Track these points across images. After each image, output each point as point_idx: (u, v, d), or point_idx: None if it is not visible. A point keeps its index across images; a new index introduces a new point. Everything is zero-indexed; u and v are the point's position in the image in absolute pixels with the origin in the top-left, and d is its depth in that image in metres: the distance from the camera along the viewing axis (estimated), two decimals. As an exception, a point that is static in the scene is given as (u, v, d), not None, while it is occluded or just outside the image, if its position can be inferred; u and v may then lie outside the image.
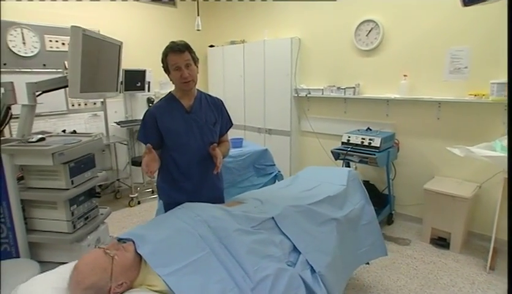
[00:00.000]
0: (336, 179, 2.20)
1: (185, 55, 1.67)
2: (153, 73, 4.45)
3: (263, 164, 3.33)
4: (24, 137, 1.95)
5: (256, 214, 1.63)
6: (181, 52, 1.66)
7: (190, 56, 1.70)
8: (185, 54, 1.67)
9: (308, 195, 1.95)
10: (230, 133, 1.98)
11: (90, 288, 1.08)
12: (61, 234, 1.93)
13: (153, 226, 1.40)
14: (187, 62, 1.67)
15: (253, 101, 4.41)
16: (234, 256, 1.30)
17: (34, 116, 2.00)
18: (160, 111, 1.77)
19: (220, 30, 4.96)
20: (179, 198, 1.79)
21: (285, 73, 3.95)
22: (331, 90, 3.66)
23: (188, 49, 1.71)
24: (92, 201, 2.15)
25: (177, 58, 1.66)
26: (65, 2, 3.63)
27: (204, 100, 1.88)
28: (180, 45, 1.67)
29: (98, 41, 1.93)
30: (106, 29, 3.79)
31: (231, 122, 2.06)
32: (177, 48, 1.65)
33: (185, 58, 1.67)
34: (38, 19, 3.32)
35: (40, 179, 1.91)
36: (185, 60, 1.67)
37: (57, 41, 3.42)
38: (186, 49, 1.68)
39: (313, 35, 3.84)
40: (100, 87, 2.05)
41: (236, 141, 3.40)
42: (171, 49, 1.66)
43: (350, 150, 3.08)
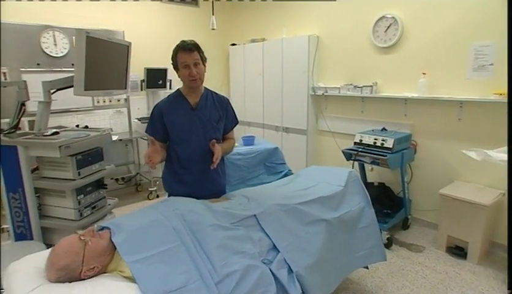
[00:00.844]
0: (335, 179, 2.15)
1: (194, 54, 1.76)
2: (175, 71, 4.60)
3: (274, 162, 3.33)
4: (40, 131, 2.13)
5: (239, 210, 1.65)
6: (191, 52, 1.75)
7: (199, 55, 1.79)
8: (194, 54, 1.76)
9: (300, 194, 1.93)
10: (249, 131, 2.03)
11: (63, 269, 1.18)
12: (69, 221, 2.08)
13: (133, 216, 1.48)
14: (195, 61, 1.76)
15: (271, 99, 4.41)
16: (204, 250, 1.34)
17: (50, 112, 2.17)
18: (166, 106, 1.88)
19: (241, 29, 5.01)
20: (181, 190, 1.90)
21: (302, 71, 3.91)
22: (347, 88, 3.56)
23: (198, 48, 1.80)
24: (100, 191, 2.30)
25: (186, 56, 1.74)
26: (92, 5, 3.88)
27: (210, 98, 1.96)
28: (190, 44, 1.76)
29: (105, 42, 2.06)
30: (130, 29, 4.02)
31: (236, 120, 2.11)
32: (187, 47, 1.75)
33: (194, 57, 1.76)
34: (67, 22, 3.58)
35: (51, 170, 2.08)
36: (194, 59, 1.76)
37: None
38: (195, 49, 1.77)
39: (331, 32, 3.76)
40: (107, 85, 2.18)
41: (248, 139, 3.44)
42: (181, 48, 1.76)
43: (361, 150, 2.98)
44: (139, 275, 1.16)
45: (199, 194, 1.88)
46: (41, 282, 1.17)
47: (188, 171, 1.91)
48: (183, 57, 1.75)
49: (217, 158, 1.78)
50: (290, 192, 1.98)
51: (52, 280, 1.18)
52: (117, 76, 2.29)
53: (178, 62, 1.78)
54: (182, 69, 1.79)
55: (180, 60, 1.76)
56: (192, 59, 1.76)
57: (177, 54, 1.77)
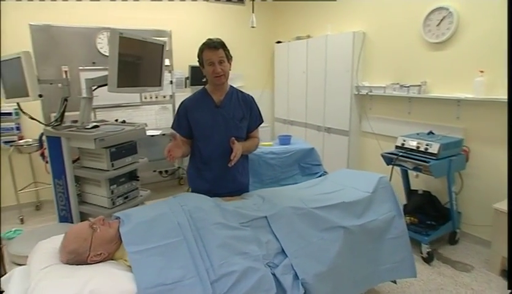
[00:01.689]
0: (363, 184, 2.02)
1: (219, 52, 1.79)
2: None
3: (309, 163, 3.24)
4: (83, 124, 2.32)
5: (250, 211, 1.63)
6: (216, 49, 1.78)
7: (224, 53, 1.82)
8: (219, 51, 1.79)
9: (321, 198, 1.85)
10: (291, 130, 1.99)
11: (72, 252, 1.27)
12: (102, 208, 2.25)
13: (144, 209, 1.55)
14: (220, 59, 1.79)
15: (314, 98, 4.28)
16: (206, 248, 1.34)
17: (92, 106, 2.36)
18: (191, 103, 1.94)
19: (287, 26, 4.94)
20: (202, 186, 1.95)
21: (345, 69, 3.72)
22: (393, 88, 3.31)
23: (223, 46, 1.82)
24: (132, 183, 2.44)
25: (211, 54, 1.77)
26: (143, 7, 4.13)
27: (234, 96, 1.97)
28: (215, 42, 1.80)
29: (138, 42, 2.17)
30: (177, 29, 4.19)
31: (261, 120, 2.09)
32: (213, 45, 1.78)
33: (219, 55, 1.79)
34: (120, 24, 3.85)
35: (89, 160, 2.26)
36: (219, 56, 1.79)
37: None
38: (221, 47, 1.80)
39: (378, 27, 3.52)
40: (140, 82, 2.30)
41: (284, 138, 3.39)
42: (207, 46, 1.80)
43: (402, 155, 2.75)
44: (137, 265, 1.20)
45: (219, 191, 1.91)
46: (54, 261, 1.27)
47: (209, 168, 1.94)
48: (208, 54, 1.78)
49: (235, 156, 1.78)
50: (311, 195, 1.89)
51: (64, 262, 1.28)
52: (152, 74, 2.40)
53: (203, 60, 1.82)
54: (207, 66, 1.82)
55: (206, 57, 1.80)
56: (216, 57, 1.78)
57: (203, 52, 1.80)
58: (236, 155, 1.78)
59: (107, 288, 1.10)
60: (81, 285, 1.08)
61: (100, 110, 3.89)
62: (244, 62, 4.97)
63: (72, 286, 1.08)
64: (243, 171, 2.06)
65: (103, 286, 1.11)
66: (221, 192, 1.91)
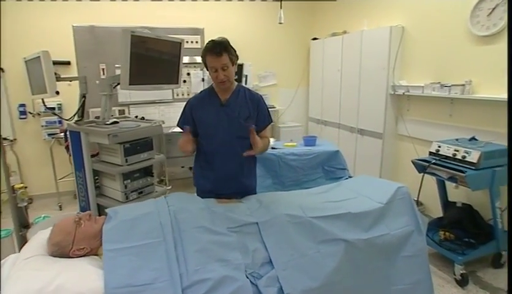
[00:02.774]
0: (377, 194, 1.83)
1: (222, 59, 1.69)
2: (253, 66, 4.65)
3: (333, 166, 3.07)
4: (104, 120, 2.42)
5: (241, 215, 1.55)
6: (219, 56, 1.69)
7: (228, 58, 1.72)
8: (222, 58, 1.69)
9: (326, 207, 1.70)
10: (325, 131, 1.88)
11: (56, 245, 1.30)
12: (117, 201, 2.31)
13: (132, 207, 1.54)
14: (223, 66, 1.71)
15: (348, 98, 4.04)
16: (184, 251, 1.29)
17: (112, 103, 2.44)
18: (196, 101, 1.92)
19: (324, 22, 4.73)
20: (205, 185, 1.94)
21: (381, 66, 3.45)
22: (432, 88, 2.98)
23: (227, 50, 1.71)
24: (147, 179, 2.48)
25: (214, 61, 1.70)
26: (178, 6, 4.22)
27: (241, 95, 1.90)
28: (218, 46, 1.69)
29: (152, 40, 2.18)
30: (210, 26, 4.22)
31: (269, 119, 1.99)
32: (215, 51, 1.68)
33: (222, 61, 1.70)
34: (155, 22, 3.98)
35: (106, 155, 2.34)
36: (222, 63, 1.71)
37: (169, 41, 4.02)
38: (224, 52, 1.69)
39: (419, 21, 3.20)
40: (157, 80, 2.33)
41: (309, 139, 3.25)
42: (209, 52, 1.70)
43: (435, 163, 2.45)
44: (108, 264, 1.19)
45: (221, 192, 1.86)
46: (40, 252, 1.31)
47: (212, 167, 1.90)
48: (211, 61, 1.71)
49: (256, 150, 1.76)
50: (315, 203, 1.76)
51: (49, 253, 1.32)
52: (168, 72, 2.41)
53: (207, 64, 1.76)
54: (211, 72, 1.76)
55: (209, 63, 1.74)
56: (219, 64, 1.70)
57: (206, 57, 1.73)
58: (256, 144, 1.74)
59: (74, 284, 1.11)
60: (49, 279, 1.09)
61: (135, 106, 4.07)
62: (277, 59, 4.87)
63: (41, 279, 1.10)
64: (248, 173, 1.98)
65: (71, 281, 1.11)
66: (224, 192, 1.85)
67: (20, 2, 3.64)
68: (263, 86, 4.84)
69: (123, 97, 3.97)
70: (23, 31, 3.67)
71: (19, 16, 3.66)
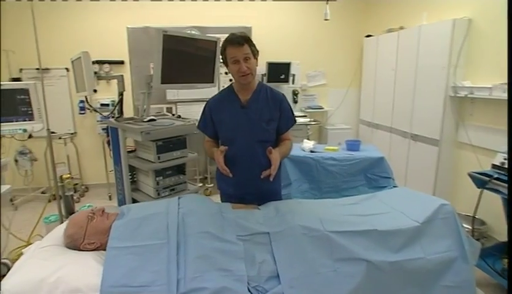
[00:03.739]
0: (415, 210, 1.61)
1: (244, 48, 1.63)
2: (301, 65, 4.51)
3: (377, 174, 2.83)
4: (143, 117, 2.51)
5: (253, 223, 1.46)
6: (240, 45, 1.62)
7: (250, 49, 1.66)
8: (244, 47, 1.63)
9: (351, 221, 1.54)
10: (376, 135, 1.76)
11: (69, 237, 1.35)
12: (150, 197, 2.38)
13: (144, 205, 1.54)
14: (245, 55, 1.64)
15: (402, 99, 3.69)
16: (186, 256, 1.25)
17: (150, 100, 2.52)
18: (216, 103, 1.86)
19: (379, 18, 4.39)
20: (226, 189, 1.89)
21: (441, 65, 3.07)
22: (503, 89, 2.56)
23: (248, 41, 1.65)
24: (180, 176, 2.51)
25: (235, 51, 1.63)
26: (226, 5, 4.25)
27: (263, 95, 1.80)
28: (239, 37, 1.63)
29: (186, 39, 2.19)
30: (257, 25, 4.18)
31: (292, 120, 1.88)
32: (236, 41, 1.62)
33: (244, 51, 1.63)
34: (204, 22, 4.05)
35: (142, 151, 2.42)
36: (244, 53, 1.63)
37: (216, 39, 4.08)
38: (245, 42, 1.63)
39: (491, 12, 2.77)
40: (191, 79, 2.34)
41: (352, 143, 3.04)
42: (230, 42, 1.65)
43: (497, 177, 2.09)
44: (109, 261, 1.19)
45: (242, 196, 1.80)
46: (57, 242, 1.37)
47: (232, 171, 1.83)
48: (232, 51, 1.64)
49: (275, 169, 1.62)
50: (339, 215, 1.60)
51: (64, 244, 1.37)
52: (203, 71, 2.41)
53: (227, 57, 1.68)
54: (232, 65, 1.68)
55: (229, 55, 1.66)
56: (241, 54, 1.62)
57: (226, 49, 1.67)
58: (276, 168, 1.62)
59: (73, 278, 1.12)
60: (52, 271, 1.13)
61: (182, 104, 4.21)
62: (327, 58, 4.65)
63: (45, 270, 1.14)
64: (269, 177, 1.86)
65: (71, 275, 1.13)
66: (246, 197, 1.78)
67: (80, 5, 3.97)
68: (311, 85, 4.67)
69: (171, 95, 4.13)
70: (83, 32, 4.01)
71: (79, 17, 4.00)
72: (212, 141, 1.87)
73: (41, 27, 3.84)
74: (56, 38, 3.92)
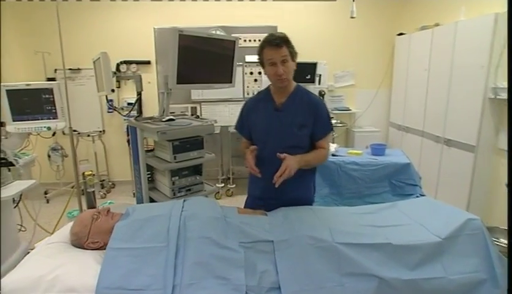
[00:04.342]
0: (437, 224, 1.48)
1: (282, 50, 1.55)
2: (328, 66, 4.37)
3: (402, 181, 2.66)
4: (162, 116, 2.53)
5: (258, 231, 1.40)
6: (278, 47, 1.55)
7: (288, 51, 1.58)
8: (282, 50, 1.55)
9: (363, 232, 1.43)
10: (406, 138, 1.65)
11: (74, 235, 1.37)
12: (166, 197, 2.39)
13: (151, 206, 1.53)
14: (283, 58, 1.57)
15: (435, 101, 3.46)
16: (184, 261, 1.22)
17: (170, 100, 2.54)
18: (251, 104, 1.83)
19: (412, 15, 4.15)
20: (254, 191, 1.86)
21: (479, 64, 2.82)
22: (550, 91, 2.29)
23: (287, 43, 1.58)
24: (196, 177, 2.50)
25: (273, 53, 1.56)
26: (252, 5, 4.21)
27: (299, 99, 1.72)
28: (278, 38, 1.56)
29: (204, 39, 2.18)
30: (283, 24, 4.10)
31: (329, 128, 1.75)
32: (274, 42, 1.55)
33: (282, 53, 1.56)
34: (228, 21, 4.05)
35: (160, 151, 2.44)
36: (282, 55, 1.56)
37: (239, 39, 4.04)
38: (284, 44, 1.56)
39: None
40: (208, 79, 2.32)
41: (377, 147, 2.89)
42: (268, 43, 1.58)
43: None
44: (107, 262, 1.18)
45: (267, 201, 1.73)
46: (64, 240, 1.39)
47: (262, 174, 1.74)
48: (269, 53, 1.57)
49: (281, 175, 1.50)
50: (352, 225, 1.49)
51: (70, 242, 1.39)
52: (221, 71, 2.38)
53: (264, 59, 1.62)
54: (268, 67, 1.61)
55: (267, 56, 1.59)
56: (278, 56, 1.55)
57: (263, 50, 1.60)
58: (283, 175, 1.50)
59: (71, 277, 1.12)
60: (51, 268, 1.14)
61: (206, 104, 4.23)
62: (356, 58, 4.47)
63: (45, 267, 1.15)
64: (302, 185, 1.76)
65: (68, 274, 1.13)
66: (270, 202, 1.71)
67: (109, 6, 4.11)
68: (338, 86, 4.51)
69: (196, 95, 4.16)
70: (112, 33, 4.16)
71: (108, 18, 4.15)
72: (247, 143, 1.83)
73: (72, 29, 4.06)
74: (86, 39, 4.10)
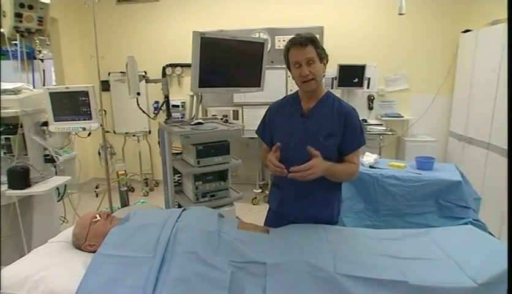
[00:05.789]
0: (477, 264, 1.21)
1: (307, 50, 1.44)
2: (379, 68, 4.03)
3: (452, 201, 2.31)
4: (192, 120, 2.53)
5: (252, 250, 1.27)
6: (303, 47, 1.44)
7: (315, 52, 1.46)
8: (307, 49, 1.44)
9: (378, 264, 1.23)
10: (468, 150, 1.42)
11: (74, 236, 1.39)
12: (190, 201, 2.38)
13: (150, 213, 1.50)
14: (308, 59, 1.45)
15: (505, 108, 2.92)
16: (166, 276, 1.15)
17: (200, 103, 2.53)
18: (276, 108, 1.71)
19: (481, 8, 3.60)
20: (273, 202, 1.75)
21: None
22: None
23: (313, 43, 1.46)
24: (221, 183, 2.45)
25: (297, 53, 1.46)
26: (298, 5, 4.05)
27: (328, 106, 1.57)
28: (303, 37, 1.45)
29: (229, 42, 2.11)
30: (330, 24, 3.90)
31: (360, 141, 1.56)
32: (299, 42, 1.45)
33: (308, 54, 1.44)
34: (274, 23, 3.95)
35: (186, 154, 2.44)
36: (307, 56, 1.45)
37: (284, 41, 3.92)
38: (310, 43, 1.45)
39: None
40: (234, 83, 2.25)
41: (424, 161, 2.56)
42: (293, 43, 1.48)
43: None
44: (92, 268, 1.16)
45: (286, 216, 1.62)
46: (67, 239, 1.43)
47: (279, 185, 1.67)
48: (294, 54, 1.47)
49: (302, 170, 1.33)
50: (367, 254, 1.29)
51: (71, 242, 1.42)
52: (248, 74, 2.30)
53: (290, 61, 1.51)
54: (294, 69, 1.51)
55: (292, 58, 1.49)
56: (303, 56, 1.44)
57: (289, 51, 1.50)
58: (303, 173, 1.33)
59: (54, 280, 1.13)
60: (40, 268, 1.16)
61: (248, 107, 4.19)
62: (411, 59, 4.04)
63: (35, 267, 1.18)
64: (323, 202, 1.58)
65: (53, 276, 1.14)
66: (288, 218, 1.60)
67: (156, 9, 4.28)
68: (390, 91, 4.12)
69: (238, 97, 4.14)
70: (159, 36, 4.34)
71: (156, 22, 4.33)
72: (267, 149, 1.69)
73: (123, 33, 4.35)
74: (137, 43, 4.36)
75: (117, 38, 4.37)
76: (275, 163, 1.41)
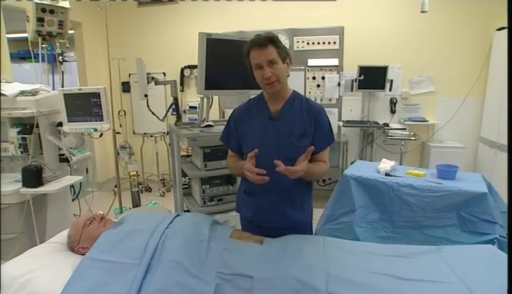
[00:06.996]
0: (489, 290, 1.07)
1: (267, 51, 1.38)
2: (402, 70, 3.83)
3: (476, 215, 2.13)
4: (203, 122, 2.51)
5: (240, 261, 1.21)
6: (263, 48, 1.38)
7: (276, 52, 1.40)
8: (267, 50, 1.38)
9: (374, 284, 1.14)
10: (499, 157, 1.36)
11: (68, 238, 1.40)
12: (197, 204, 2.36)
13: (143, 218, 1.47)
14: (270, 60, 1.39)
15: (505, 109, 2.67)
16: (149, 285, 1.12)
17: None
18: (242, 112, 1.64)
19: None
20: (246, 212, 1.66)
21: None
22: None
23: (274, 43, 1.40)
24: (229, 187, 2.40)
25: (258, 55, 1.40)
26: (318, 5, 3.93)
27: (297, 106, 1.52)
28: (263, 37, 1.39)
29: (235, 42, 2.05)
30: (351, 24, 3.76)
31: (330, 139, 1.53)
32: (258, 43, 1.39)
33: (269, 55, 1.38)
34: (294, 23, 3.86)
35: (194, 157, 2.42)
36: (268, 56, 1.39)
37: (303, 42, 3.82)
38: (270, 44, 1.39)
39: None
40: (242, 85, 2.19)
41: (446, 169, 2.38)
42: (252, 45, 1.42)
43: None
44: (77, 272, 1.15)
45: (262, 224, 1.56)
46: (61, 240, 1.44)
47: (254, 192, 1.58)
48: (254, 56, 1.41)
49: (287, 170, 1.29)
50: (364, 273, 1.19)
51: (66, 244, 1.42)
52: (255, 76, 2.24)
53: (251, 63, 1.45)
54: (255, 71, 1.45)
55: (253, 60, 1.43)
56: (264, 57, 1.38)
57: (249, 53, 1.44)
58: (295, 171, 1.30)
59: (39, 282, 1.13)
60: (28, 270, 1.17)
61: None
62: (437, 60, 3.81)
63: (24, 267, 1.19)
64: (300, 205, 1.55)
65: (39, 279, 1.15)
66: (265, 225, 1.55)
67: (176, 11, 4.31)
68: (414, 93, 3.91)
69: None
70: (179, 38, 4.36)
71: (176, 23, 4.36)
72: (235, 156, 1.64)
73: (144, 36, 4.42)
74: (156, 44, 4.41)
75: (138, 40, 4.46)
76: (254, 171, 1.34)
